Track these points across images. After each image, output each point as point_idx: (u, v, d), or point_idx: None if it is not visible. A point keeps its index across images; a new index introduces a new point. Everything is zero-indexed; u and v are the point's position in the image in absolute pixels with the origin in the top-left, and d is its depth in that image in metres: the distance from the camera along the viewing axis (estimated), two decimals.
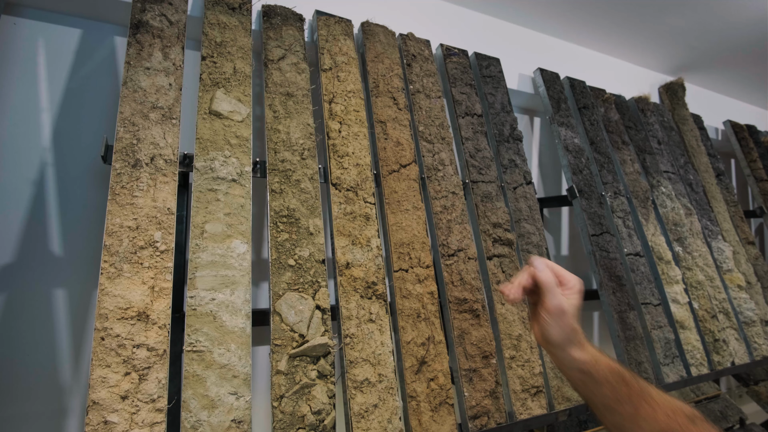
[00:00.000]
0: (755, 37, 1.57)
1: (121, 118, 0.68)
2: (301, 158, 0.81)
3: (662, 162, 1.47)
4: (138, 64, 0.73)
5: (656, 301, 1.16)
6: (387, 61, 1.03)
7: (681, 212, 1.37)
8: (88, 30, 0.89)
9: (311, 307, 0.71)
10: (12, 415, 0.75)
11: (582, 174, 1.23)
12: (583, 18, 1.42)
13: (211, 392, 0.60)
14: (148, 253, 0.63)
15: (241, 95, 0.80)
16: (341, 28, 0.99)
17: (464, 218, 0.97)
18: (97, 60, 0.89)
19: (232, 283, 0.67)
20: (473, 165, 1.05)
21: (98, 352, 0.56)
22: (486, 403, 0.83)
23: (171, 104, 0.73)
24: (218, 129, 0.75)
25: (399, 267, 0.85)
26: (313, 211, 0.78)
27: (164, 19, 0.78)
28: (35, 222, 0.80)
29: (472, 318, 0.88)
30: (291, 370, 0.67)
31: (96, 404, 0.54)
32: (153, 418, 0.57)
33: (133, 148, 0.68)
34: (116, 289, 0.60)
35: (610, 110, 1.44)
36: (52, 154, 0.83)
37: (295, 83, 0.87)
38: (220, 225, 0.69)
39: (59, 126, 0.84)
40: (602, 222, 1.19)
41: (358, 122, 0.91)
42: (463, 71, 1.17)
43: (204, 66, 0.79)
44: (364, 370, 0.73)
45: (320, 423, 0.66)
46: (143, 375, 0.57)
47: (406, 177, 0.93)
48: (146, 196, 0.66)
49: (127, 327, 0.58)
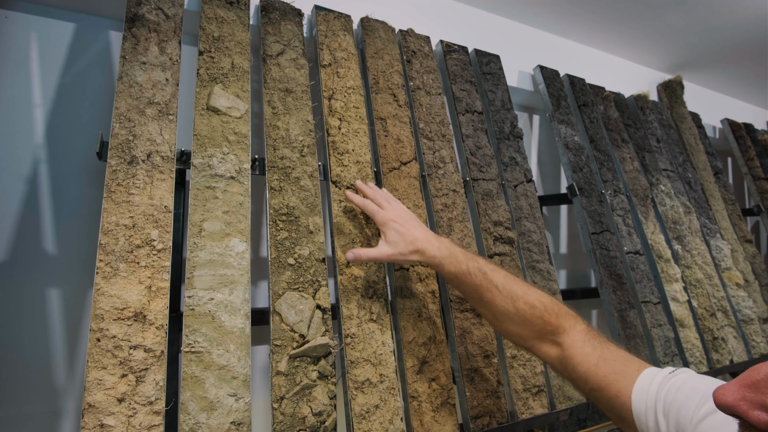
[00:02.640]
0: (754, 36, 1.57)
1: (117, 113, 0.67)
2: (301, 155, 0.80)
3: (661, 160, 1.46)
4: (134, 58, 0.71)
5: (656, 299, 1.16)
6: (387, 57, 1.01)
7: (680, 210, 1.36)
8: (82, 24, 0.87)
9: (311, 307, 0.70)
10: (5, 417, 0.73)
11: (582, 172, 1.23)
12: (582, 15, 1.41)
13: (209, 394, 0.59)
14: (145, 252, 0.62)
15: (240, 91, 0.78)
16: (340, 23, 0.98)
17: (465, 216, 0.96)
18: (92, 55, 0.87)
19: (231, 282, 0.66)
20: (474, 162, 1.04)
21: (94, 354, 0.55)
22: (488, 402, 0.83)
23: (168, 100, 0.72)
24: (216, 125, 0.74)
25: (400, 266, 0.84)
26: (313, 209, 0.77)
27: (161, 12, 0.76)
28: (29, 220, 0.78)
29: (473, 317, 0.87)
30: (291, 370, 0.66)
31: (92, 407, 0.53)
32: (150, 421, 0.55)
33: (129, 144, 0.66)
34: (112, 289, 0.58)
35: (610, 108, 1.44)
36: (46, 151, 0.81)
37: (294, 79, 0.85)
38: (218, 223, 0.68)
39: (53, 122, 0.82)
40: (602, 220, 1.18)
41: (358, 119, 0.90)
42: (464, 68, 1.15)
43: (201, 61, 0.77)
44: (365, 371, 0.72)
45: (321, 424, 0.65)
46: (140, 377, 0.56)
47: (406, 174, 0.92)
48: (143, 194, 0.64)
49: (124, 328, 0.57)
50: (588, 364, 0.58)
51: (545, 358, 0.64)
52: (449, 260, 0.69)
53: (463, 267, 0.68)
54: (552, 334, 0.63)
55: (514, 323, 0.65)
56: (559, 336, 0.63)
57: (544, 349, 0.64)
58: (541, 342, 0.64)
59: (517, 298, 0.65)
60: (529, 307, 0.64)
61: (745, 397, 0.32)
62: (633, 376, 0.54)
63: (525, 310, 0.64)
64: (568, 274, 1.50)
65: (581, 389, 0.60)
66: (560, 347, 0.62)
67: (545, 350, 0.64)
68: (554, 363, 0.63)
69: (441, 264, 0.69)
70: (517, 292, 0.65)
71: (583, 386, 0.59)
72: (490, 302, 0.67)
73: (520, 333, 0.65)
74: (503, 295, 0.66)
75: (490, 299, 0.66)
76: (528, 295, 0.65)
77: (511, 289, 0.66)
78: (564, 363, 0.61)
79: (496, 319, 0.68)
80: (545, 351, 0.64)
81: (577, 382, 0.60)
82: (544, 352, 0.64)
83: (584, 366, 0.58)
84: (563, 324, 0.63)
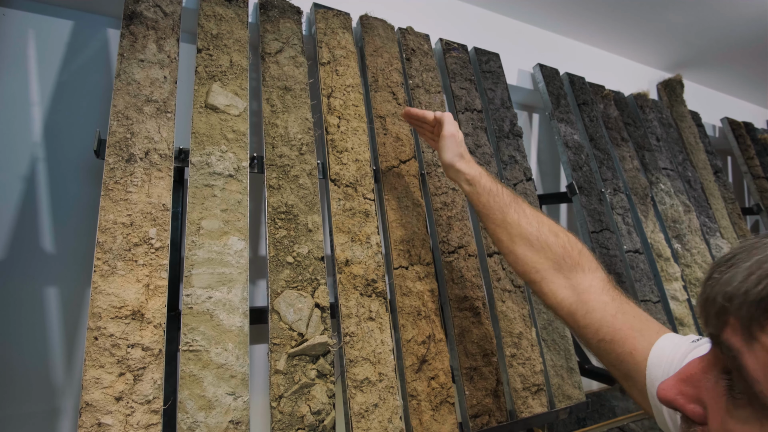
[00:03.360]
0: (754, 35, 1.56)
1: (114, 111, 0.66)
2: (300, 153, 0.80)
3: (661, 159, 1.46)
4: (131, 56, 0.71)
5: (656, 298, 1.16)
6: (386, 55, 1.01)
7: (680, 209, 1.36)
8: (80, 21, 0.87)
9: (310, 305, 0.70)
10: (3, 417, 0.73)
11: (582, 170, 1.23)
12: (582, 14, 1.41)
13: (208, 393, 0.59)
14: (143, 250, 0.61)
15: (238, 89, 0.78)
16: (339, 21, 0.97)
17: (464, 215, 0.96)
18: (90, 52, 0.87)
19: (229, 280, 0.65)
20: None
21: (91, 353, 0.55)
22: (487, 401, 0.82)
23: (166, 97, 0.71)
24: (214, 123, 0.74)
25: (399, 264, 0.83)
26: (312, 208, 0.77)
27: (159, 10, 0.76)
28: (26, 219, 0.78)
29: (472, 316, 0.87)
30: (290, 369, 0.65)
31: (89, 406, 0.53)
32: (148, 420, 0.55)
33: (126, 142, 0.66)
34: (110, 288, 0.58)
35: (610, 106, 1.44)
36: (44, 149, 0.81)
37: (293, 77, 0.85)
38: (216, 221, 0.68)
39: (50, 120, 0.82)
40: (602, 219, 1.18)
41: (357, 117, 0.90)
42: (463, 66, 1.15)
43: (200, 59, 0.77)
44: (364, 369, 0.72)
45: (320, 423, 0.65)
46: (138, 375, 0.56)
47: (405, 173, 0.92)
48: (140, 192, 0.64)
49: (122, 326, 0.57)
50: (604, 312, 0.54)
51: (553, 297, 0.60)
52: (486, 176, 0.72)
53: (497, 186, 0.71)
54: (569, 270, 0.59)
55: (532, 248, 0.63)
56: (577, 275, 0.59)
57: (555, 286, 0.60)
58: (554, 275, 0.60)
59: (542, 223, 0.64)
60: (553, 234, 0.63)
61: (681, 391, 0.33)
62: (652, 337, 0.50)
63: (548, 235, 0.63)
64: None
65: (587, 338, 0.56)
66: (574, 289, 0.58)
67: (556, 287, 0.59)
68: (561, 304, 0.59)
69: (478, 176, 0.72)
70: (543, 219, 0.65)
71: (592, 336, 0.55)
72: (514, 222, 0.65)
73: (536, 260, 0.62)
74: (528, 218, 0.65)
75: (515, 220, 0.65)
76: (553, 225, 0.65)
77: (537, 215, 0.66)
78: (575, 307, 0.57)
79: (513, 242, 0.65)
80: (555, 288, 0.59)
81: (586, 329, 0.55)
82: (554, 289, 0.59)
83: (600, 313, 0.54)
84: (584, 263, 0.59)
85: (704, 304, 0.31)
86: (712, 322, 0.30)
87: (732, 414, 0.30)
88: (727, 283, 0.29)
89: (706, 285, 0.31)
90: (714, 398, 0.31)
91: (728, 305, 0.29)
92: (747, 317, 0.27)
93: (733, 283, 0.28)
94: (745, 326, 0.28)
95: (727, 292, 0.29)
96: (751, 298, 0.27)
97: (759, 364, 0.27)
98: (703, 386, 0.32)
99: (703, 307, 0.31)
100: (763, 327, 0.27)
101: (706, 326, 0.31)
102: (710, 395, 0.32)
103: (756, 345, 0.27)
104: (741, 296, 0.28)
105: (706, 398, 0.32)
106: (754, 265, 0.28)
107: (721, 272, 0.30)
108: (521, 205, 0.68)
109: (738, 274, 0.28)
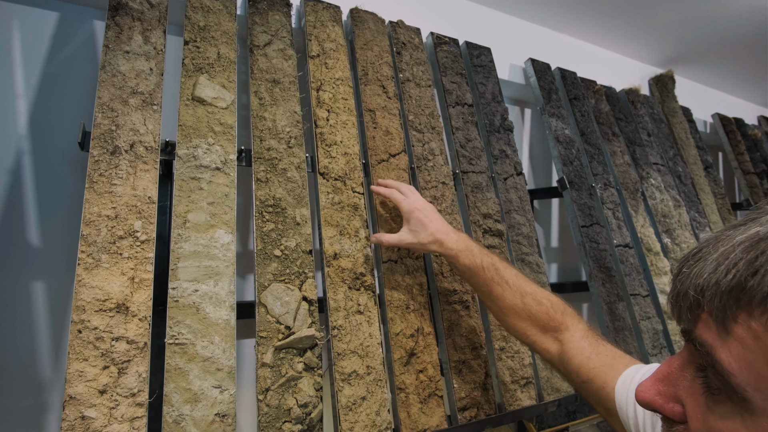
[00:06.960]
0: (746, 31, 1.57)
1: (99, 103, 0.66)
2: (288, 146, 0.79)
3: (652, 154, 1.47)
4: (117, 47, 0.70)
5: (645, 292, 1.17)
6: (376, 48, 1.01)
7: (670, 204, 1.37)
8: (65, 13, 0.86)
9: (298, 299, 0.70)
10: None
11: (572, 165, 1.23)
12: (575, 9, 1.41)
13: (194, 386, 0.59)
14: (128, 243, 0.61)
15: (226, 81, 0.77)
16: (329, 14, 0.97)
17: (454, 209, 0.96)
18: (75, 44, 0.86)
19: (216, 274, 0.65)
20: (463, 155, 1.04)
21: (75, 346, 0.54)
22: (475, 394, 0.83)
23: (152, 89, 0.71)
24: (201, 116, 0.73)
25: (388, 258, 0.83)
26: (300, 201, 0.77)
27: (144, 1, 0.75)
28: (11, 212, 0.77)
29: (461, 309, 0.87)
30: (277, 362, 0.65)
31: (73, 399, 0.52)
32: (133, 413, 0.55)
33: (111, 134, 0.65)
34: (94, 280, 0.57)
35: (601, 102, 1.44)
36: (29, 142, 0.80)
37: (282, 70, 0.85)
38: (203, 214, 0.67)
39: (36, 113, 0.81)
40: (592, 213, 1.19)
41: (346, 110, 0.89)
42: (454, 60, 1.15)
43: (187, 51, 0.76)
44: (352, 362, 0.72)
45: (307, 416, 0.65)
46: (122, 369, 0.56)
47: (395, 167, 0.91)
48: (126, 185, 0.64)
49: (106, 319, 0.56)
50: (581, 357, 0.60)
51: (545, 353, 0.66)
52: (465, 253, 0.72)
53: (478, 261, 0.71)
54: (555, 331, 0.65)
55: (520, 318, 0.68)
56: (561, 333, 0.65)
57: (546, 345, 0.66)
58: (543, 336, 0.67)
59: (525, 294, 0.68)
60: (536, 303, 0.67)
61: (659, 391, 0.33)
62: (620, 370, 0.55)
63: (532, 305, 0.67)
64: (560, 267, 1.51)
65: (574, 382, 0.62)
66: (560, 343, 0.64)
67: (547, 346, 0.66)
68: (553, 358, 0.65)
69: (457, 256, 0.72)
70: (527, 289, 0.68)
71: (576, 378, 0.60)
72: (500, 297, 0.69)
73: (525, 328, 0.68)
74: (512, 291, 0.68)
75: (500, 294, 0.69)
76: (536, 293, 0.68)
77: (520, 286, 0.69)
78: (562, 357, 0.63)
79: (503, 314, 0.70)
80: (547, 347, 0.66)
81: (571, 375, 0.61)
82: (546, 347, 0.66)
83: (578, 358, 0.60)
84: (567, 321, 0.65)
85: (676, 299, 0.31)
86: (685, 317, 0.30)
87: (712, 410, 0.29)
88: (697, 276, 0.29)
89: (676, 280, 0.31)
90: (692, 396, 0.31)
91: (701, 298, 0.28)
92: (720, 308, 0.27)
93: (703, 275, 0.28)
94: (718, 319, 0.27)
95: (698, 285, 0.28)
96: (722, 288, 0.27)
97: (733, 356, 0.27)
98: (681, 384, 0.32)
99: (675, 303, 0.31)
100: (736, 318, 0.27)
101: (678, 322, 0.31)
102: (688, 393, 0.31)
103: (729, 338, 0.27)
104: (713, 287, 0.27)
105: (684, 396, 0.32)
106: (721, 257, 0.27)
107: (690, 266, 0.30)
108: (503, 276, 0.70)
109: (707, 267, 0.28)
